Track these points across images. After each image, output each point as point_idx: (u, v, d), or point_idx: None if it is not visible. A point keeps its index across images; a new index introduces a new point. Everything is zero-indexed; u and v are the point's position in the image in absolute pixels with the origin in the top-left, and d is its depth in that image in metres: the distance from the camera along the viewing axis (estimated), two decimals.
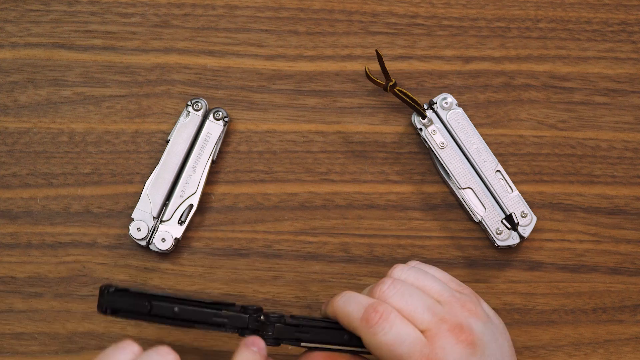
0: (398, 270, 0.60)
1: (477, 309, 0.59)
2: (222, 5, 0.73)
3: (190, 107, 0.70)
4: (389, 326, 0.56)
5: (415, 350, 0.56)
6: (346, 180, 0.71)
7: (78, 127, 0.71)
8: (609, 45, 0.73)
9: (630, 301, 0.70)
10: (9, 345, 0.69)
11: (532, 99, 0.72)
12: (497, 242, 0.69)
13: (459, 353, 0.56)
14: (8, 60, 0.72)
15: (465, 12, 0.73)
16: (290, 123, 0.72)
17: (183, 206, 0.69)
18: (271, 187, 0.71)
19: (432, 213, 0.71)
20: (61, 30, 0.72)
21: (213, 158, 0.70)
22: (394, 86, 0.69)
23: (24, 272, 0.69)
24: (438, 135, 0.70)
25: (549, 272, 0.70)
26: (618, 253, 0.71)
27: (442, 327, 0.57)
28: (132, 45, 0.72)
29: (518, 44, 0.73)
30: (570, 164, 0.71)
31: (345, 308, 0.59)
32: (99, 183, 0.70)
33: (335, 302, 0.60)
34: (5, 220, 0.70)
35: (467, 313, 0.59)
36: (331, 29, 0.72)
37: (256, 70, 0.72)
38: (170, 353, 0.57)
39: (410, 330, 0.57)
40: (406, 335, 0.57)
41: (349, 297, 0.59)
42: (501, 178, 0.70)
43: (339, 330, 0.60)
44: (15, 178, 0.71)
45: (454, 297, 0.59)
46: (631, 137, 0.72)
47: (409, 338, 0.56)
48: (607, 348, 0.70)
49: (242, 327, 0.60)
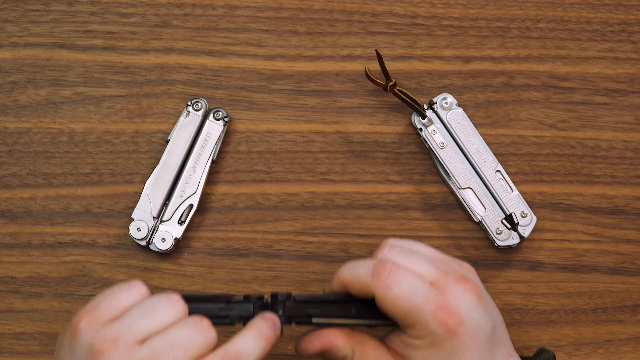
0: (391, 240, 0.61)
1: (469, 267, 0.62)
2: (222, 5, 0.73)
3: (190, 107, 0.70)
4: (400, 277, 0.57)
5: (430, 298, 0.57)
6: (346, 180, 0.71)
7: (78, 127, 0.71)
8: (609, 45, 0.73)
9: (630, 301, 0.70)
10: (9, 345, 0.69)
11: (532, 99, 0.72)
12: (497, 242, 0.69)
13: (469, 300, 0.58)
14: (8, 60, 0.72)
15: (465, 12, 0.73)
16: (290, 123, 0.72)
17: (183, 206, 0.69)
18: (271, 187, 0.71)
19: (432, 213, 0.71)
20: (61, 30, 0.72)
21: (213, 158, 0.70)
22: (394, 86, 0.69)
23: (24, 272, 0.69)
24: (438, 135, 0.70)
25: (549, 272, 0.70)
26: (618, 253, 0.71)
27: (448, 279, 0.58)
28: (132, 45, 0.72)
29: (518, 44, 0.73)
30: (570, 164, 0.71)
31: (352, 272, 0.59)
32: (99, 183, 0.70)
33: (341, 272, 0.60)
34: (5, 220, 0.70)
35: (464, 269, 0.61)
36: (331, 29, 0.72)
37: (256, 70, 0.72)
38: (180, 302, 0.57)
39: (421, 281, 0.58)
40: (419, 285, 0.57)
41: (354, 264, 0.60)
42: (501, 178, 0.70)
43: (346, 303, 0.60)
44: (15, 178, 0.71)
45: (447, 258, 0.61)
46: (631, 137, 0.72)
47: (422, 288, 0.57)
48: (607, 348, 0.70)
49: (248, 316, 0.59)
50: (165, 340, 0.55)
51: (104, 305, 0.57)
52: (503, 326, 0.61)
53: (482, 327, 0.58)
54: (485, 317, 0.58)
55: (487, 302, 0.59)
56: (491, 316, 0.59)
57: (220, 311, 0.59)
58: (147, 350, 0.55)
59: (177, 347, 0.55)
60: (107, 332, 0.55)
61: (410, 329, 0.58)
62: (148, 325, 0.56)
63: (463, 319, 0.57)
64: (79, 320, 0.56)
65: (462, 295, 0.58)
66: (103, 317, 0.56)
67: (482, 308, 0.58)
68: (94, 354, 0.55)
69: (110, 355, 0.54)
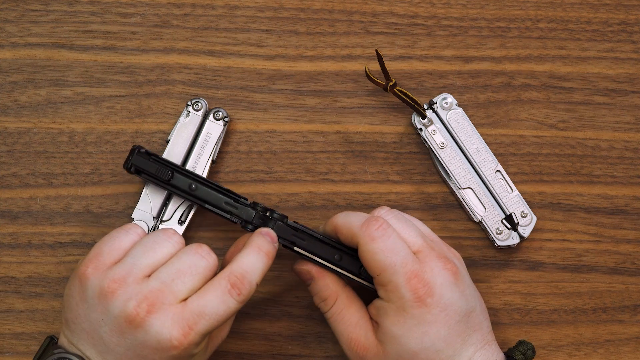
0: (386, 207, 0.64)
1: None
2: (222, 5, 0.73)
3: (190, 107, 0.70)
4: (387, 235, 0.60)
5: (408, 262, 0.59)
6: (346, 180, 0.71)
7: (78, 127, 0.71)
8: (609, 45, 0.73)
9: (630, 301, 0.70)
10: (9, 345, 0.69)
11: (532, 99, 0.72)
12: (497, 242, 0.69)
13: (445, 277, 0.60)
14: (8, 60, 0.72)
15: (465, 12, 0.73)
16: (290, 123, 0.72)
17: (183, 206, 0.68)
18: (271, 187, 0.71)
19: (432, 213, 0.71)
20: (61, 30, 0.72)
21: (213, 158, 0.70)
22: (394, 86, 0.69)
23: (24, 272, 0.69)
24: (438, 135, 0.70)
25: (549, 272, 0.70)
26: (618, 253, 0.71)
27: (432, 253, 0.61)
28: (132, 45, 0.72)
29: (518, 44, 0.73)
30: (570, 164, 0.71)
31: (346, 218, 0.62)
32: (99, 183, 0.70)
33: (336, 217, 0.63)
34: (5, 220, 0.70)
35: (450, 253, 0.64)
36: (331, 29, 0.72)
37: (256, 70, 0.72)
38: (176, 234, 0.61)
39: (405, 245, 0.61)
40: (401, 247, 0.60)
41: (350, 213, 0.63)
42: (501, 178, 0.70)
43: (332, 248, 0.63)
44: (15, 178, 0.71)
45: (439, 240, 0.65)
46: (631, 137, 0.72)
47: (404, 251, 0.60)
48: (607, 348, 0.70)
49: (247, 220, 0.64)
50: (171, 269, 0.58)
51: (106, 250, 0.60)
52: (483, 315, 0.62)
53: (454, 306, 0.60)
54: (459, 299, 0.60)
55: (465, 285, 0.61)
56: (467, 300, 0.60)
57: (226, 205, 0.64)
58: (155, 282, 0.58)
59: (183, 274, 0.58)
60: (114, 274, 0.58)
61: (382, 288, 0.60)
62: (151, 259, 0.59)
63: (434, 292, 0.59)
64: (85, 268, 0.59)
65: (439, 271, 0.60)
66: (107, 261, 0.59)
67: (458, 289, 0.60)
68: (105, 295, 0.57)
69: (121, 293, 0.57)
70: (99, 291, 0.57)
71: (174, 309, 0.57)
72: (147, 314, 0.56)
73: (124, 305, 0.56)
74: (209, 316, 0.57)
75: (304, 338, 0.69)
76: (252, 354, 0.69)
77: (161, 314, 0.56)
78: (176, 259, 0.59)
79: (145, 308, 0.56)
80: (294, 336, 0.69)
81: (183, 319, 0.57)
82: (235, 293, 0.58)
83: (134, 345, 0.57)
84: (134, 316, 0.56)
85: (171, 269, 0.58)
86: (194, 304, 0.57)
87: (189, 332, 0.57)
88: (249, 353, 0.69)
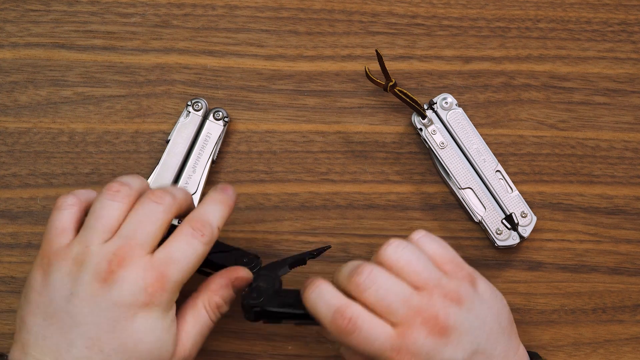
0: (391, 249, 0.59)
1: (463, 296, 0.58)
2: (222, 5, 0.73)
3: (190, 107, 0.70)
4: (357, 331, 0.57)
5: (386, 347, 0.57)
6: (346, 180, 0.71)
7: (78, 127, 0.71)
8: (609, 45, 0.73)
9: (630, 301, 0.70)
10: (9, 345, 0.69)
11: (532, 99, 0.72)
12: (497, 242, 0.69)
13: (430, 345, 0.56)
14: (8, 60, 0.72)
15: (465, 12, 0.73)
16: (290, 123, 0.72)
17: None
18: (271, 187, 0.71)
19: (432, 213, 0.71)
20: (61, 30, 0.72)
21: (213, 158, 0.70)
22: (394, 86, 0.69)
23: (24, 272, 0.69)
24: (438, 135, 0.70)
25: (549, 272, 0.70)
26: (618, 253, 0.71)
27: (416, 320, 0.57)
28: (132, 45, 0.72)
29: (518, 44, 0.73)
30: (570, 164, 0.71)
31: (315, 306, 0.58)
32: (99, 183, 0.70)
33: (307, 294, 0.59)
34: (5, 220, 0.70)
35: (449, 302, 0.58)
36: (331, 29, 0.72)
37: (256, 70, 0.72)
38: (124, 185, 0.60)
39: (380, 331, 0.57)
40: (376, 336, 0.57)
41: (319, 295, 0.59)
42: (501, 178, 0.70)
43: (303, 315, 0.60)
44: (15, 178, 0.71)
45: (438, 286, 0.58)
46: (631, 137, 0.72)
47: (380, 338, 0.57)
48: (607, 348, 0.70)
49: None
50: (130, 224, 0.58)
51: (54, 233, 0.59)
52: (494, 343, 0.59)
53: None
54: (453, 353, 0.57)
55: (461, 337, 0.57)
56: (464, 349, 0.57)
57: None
58: (119, 239, 0.58)
59: (144, 224, 0.58)
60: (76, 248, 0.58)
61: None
62: (108, 223, 0.58)
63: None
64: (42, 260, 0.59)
65: (423, 341, 0.56)
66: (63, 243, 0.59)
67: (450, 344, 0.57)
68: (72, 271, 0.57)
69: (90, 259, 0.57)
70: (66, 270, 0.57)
71: (144, 260, 0.57)
72: (118, 268, 0.56)
73: (96, 267, 0.56)
74: (178, 260, 0.57)
75: (304, 338, 0.69)
76: (251, 354, 0.69)
77: (133, 266, 0.57)
78: (133, 212, 0.59)
79: (117, 263, 0.56)
80: (294, 336, 0.69)
81: (154, 267, 0.57)
82: (198, 235, 0.58)
83: (107, 308, 0.56)
84: (107, 273, 0.56)
85: (130, 224, 0.58)
86: (162, 253, 0.58)
87: (162, 278, 0.57)
88: (249, 353, 0.69)
